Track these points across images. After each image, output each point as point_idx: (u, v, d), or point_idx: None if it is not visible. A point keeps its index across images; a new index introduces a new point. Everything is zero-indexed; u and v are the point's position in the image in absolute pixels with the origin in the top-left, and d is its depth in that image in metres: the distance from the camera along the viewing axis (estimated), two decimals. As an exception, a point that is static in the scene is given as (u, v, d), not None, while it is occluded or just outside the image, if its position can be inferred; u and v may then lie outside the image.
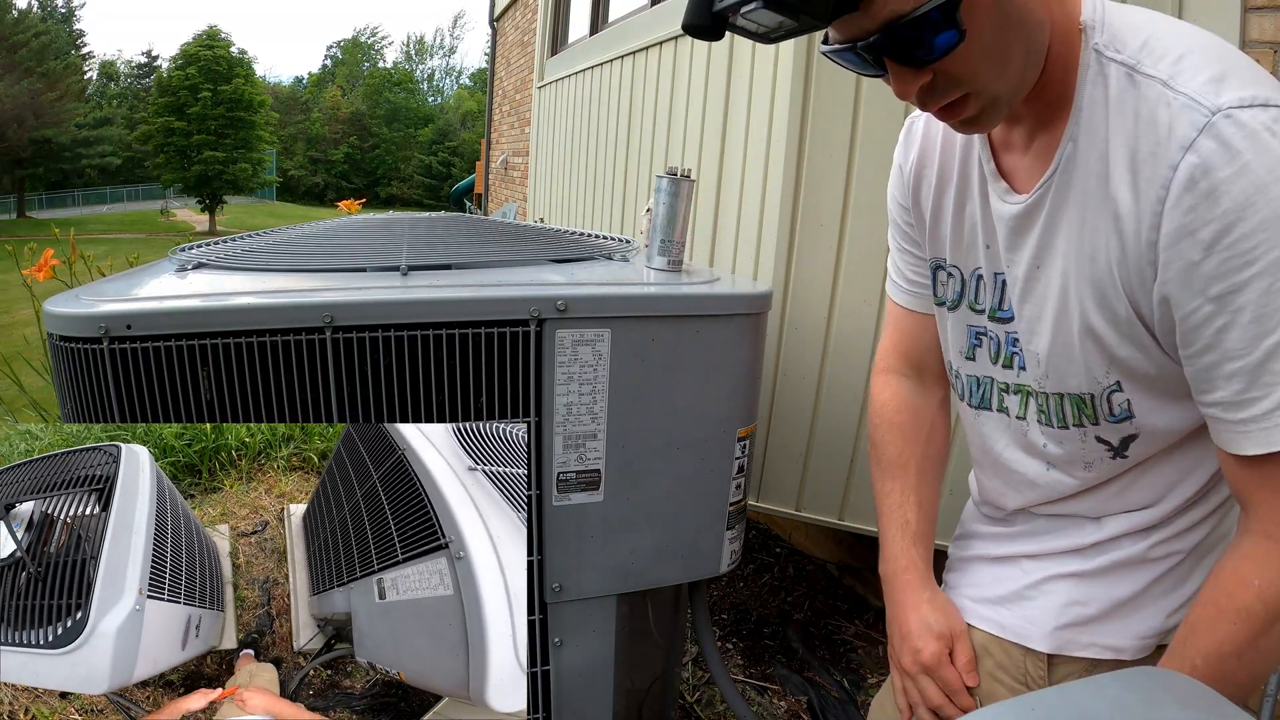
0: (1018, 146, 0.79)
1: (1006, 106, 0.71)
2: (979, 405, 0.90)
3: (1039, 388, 0.81)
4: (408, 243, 1.49)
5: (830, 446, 1.96)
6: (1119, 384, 0.75)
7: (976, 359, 0.88)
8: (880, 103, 1.75)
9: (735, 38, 2.24)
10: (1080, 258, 0.73)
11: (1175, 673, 0.59)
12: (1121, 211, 0.68)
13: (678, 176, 1.40)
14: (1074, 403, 0.79)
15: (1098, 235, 0.71)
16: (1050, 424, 0.82)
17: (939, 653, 0.90)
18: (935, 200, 0.89)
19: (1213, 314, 0.65)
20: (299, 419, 1.13)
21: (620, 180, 3.06)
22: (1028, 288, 0.79)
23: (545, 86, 4.81)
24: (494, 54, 10.23)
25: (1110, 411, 0.77)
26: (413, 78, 53.59)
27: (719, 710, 2.11)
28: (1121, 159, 0.68)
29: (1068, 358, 0.77)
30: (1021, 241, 0.78)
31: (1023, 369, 0.83)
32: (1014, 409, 0.85)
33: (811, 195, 1.83)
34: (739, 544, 1.48)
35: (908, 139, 0.94)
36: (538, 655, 1.32)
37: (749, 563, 2.91)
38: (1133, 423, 0.77)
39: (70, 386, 1.05)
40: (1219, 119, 0.61)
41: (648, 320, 1.25)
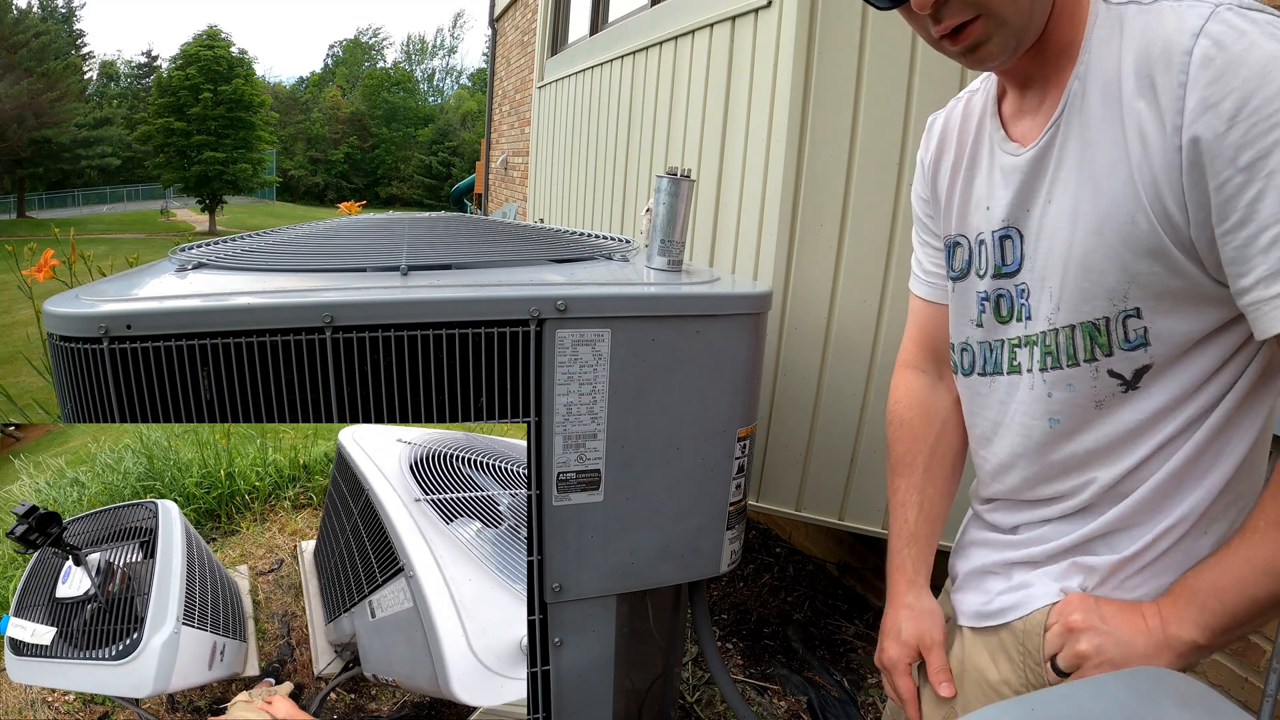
0: (1028, 111, 0.83)
1: (1014, 39, 0.75)
2: (991, 371, 0.90)
3: (1049, 325, 0.81)
4: (408, 243, 1.49)
5: (830, 446, 1.96)
6: (1137, 310, 0.75)
7: (984, 324, 0.90)
8: (880, 103, 1.75)
9: (735, 38, 2.24)
10: (1091, 182, 0.75)
11: (1175, 673, 0.59)
12: (1141, 117, 0.71)
13: (678, 176, 1.40)
14: (1086, 333, 0.79)
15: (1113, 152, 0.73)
16: (1060, 365, 0.81)
17: (897, 659, 0.97)
18: (949, 181, 0.93)
19: (1244, 184, 0.66)
20: (299, 419, 1.13)
21: (620, 180, 3.06)
22: (1040, 227, 0.80)
23: (545, 86, 4.81)
24: (494, 54, 10.24)
25: (1125, 337, 0.77)
26: (413, 78, 53.60)
27: (719, 710, 2.11)
28: (1132, 71, 0.71)
29: (1082, 284, 0.77)
30: (1034, 187, 0.80)
31: (1029, 318, 0.84)
32: (1025, 362, 0.86)
33: (811, 195, 1.83)
34: (739, 544, 1.48)
35: (928, 135, 0.99)
36: (538, 655, 1.32)
37: (749, 563, 2.91)
38: (1147, 351, 0.76)
39: (70, 386, 1.05)
40: (1222, 9, 0.67)
41: (648, 320, 1.25)
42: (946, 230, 0.95)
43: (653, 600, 1.50)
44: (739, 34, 2.06)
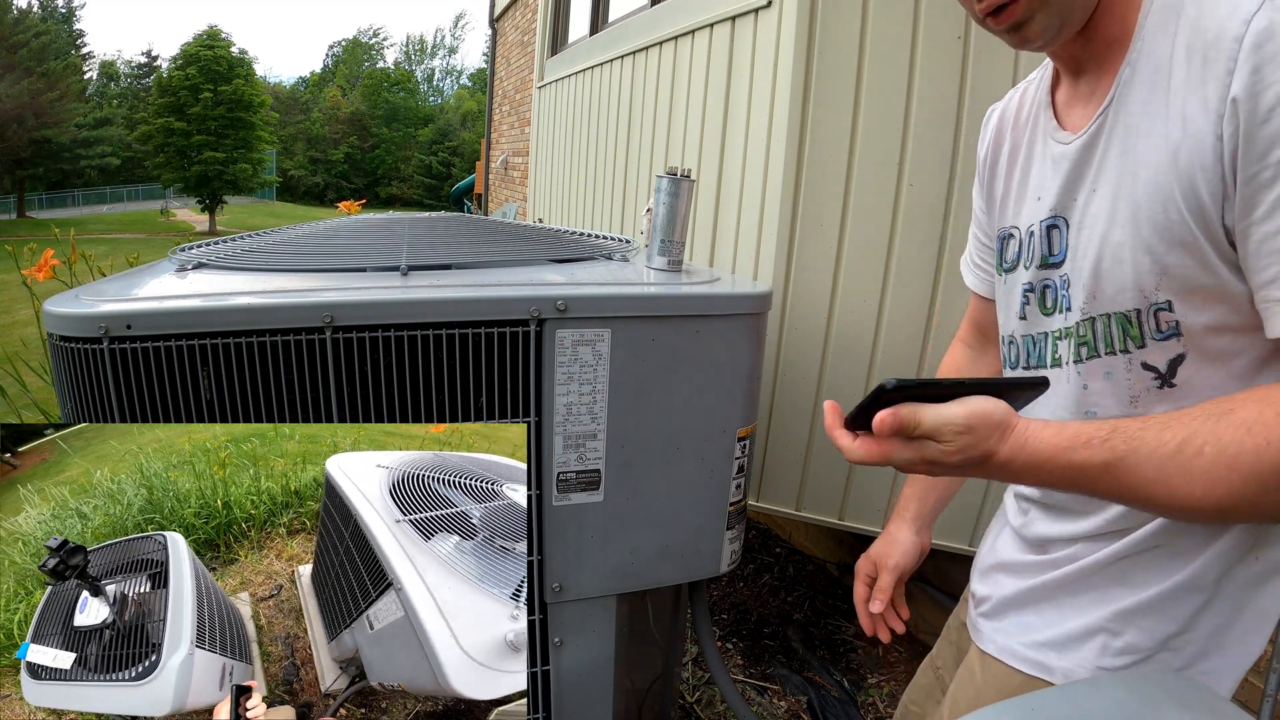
0: (1080, 99, 0.82)
1: (1057, 20, 0.74)
2: (1035, 364, 0.89)
3: (1084, 315, 0.80)
4: (408, 243, 1.49)
5: (830, 447, 1.95)
6: (1169, 303, 0.74)
7: (1028, 316, 0.89)
8: (880, 104, 1.75)
9: (735, 39, 2.23)
10: (1131, 171, 0.74)
11: (1175, 673, 0.59)
12: (1186, 104, 0.69)
13: (678, 176, 1.40)
14: (1120, 323, 0.77)
15: (1156, 140, 0.71)
16: (1097, 353, 0.80)
17: (859, 568, 1.15)
18: (1006, 173, 0.93)
19: (1271, 180, 0.64)
20: (299, 419, 1.13)
21: (620, 180, 3.06)
22: (1084, 216, 0.79)
23: (545, 86, 4.81)
24: (494, 54, 10.24)
25: (1157, 328, 0.75)
26: (413, 78, 53.59)
27: (719, 710, 2.11)
28: (1184, 58, 0.69)
29: (1115, 274, 0.76)
30: (1081, 175, 0.79)
31: (1069, 310, 0.82)
32: (1065, 355, 0.84)
33: (811, 195, 1.83)
34: (739, 544, 1.48)
35: (985, 128, 0.99)
36: (538, 655, 1.32)
37: (749, 563, 2.91)
38: (1180, 341, 0.74)
39: (70, 387, 1.05)
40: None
41: (648, 320, 1.25)
42: (1001, 223, 0.94)
43: (653, 600, 1.50)
44: (739, 34, 2.06)
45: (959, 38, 1.69)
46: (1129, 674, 0.57)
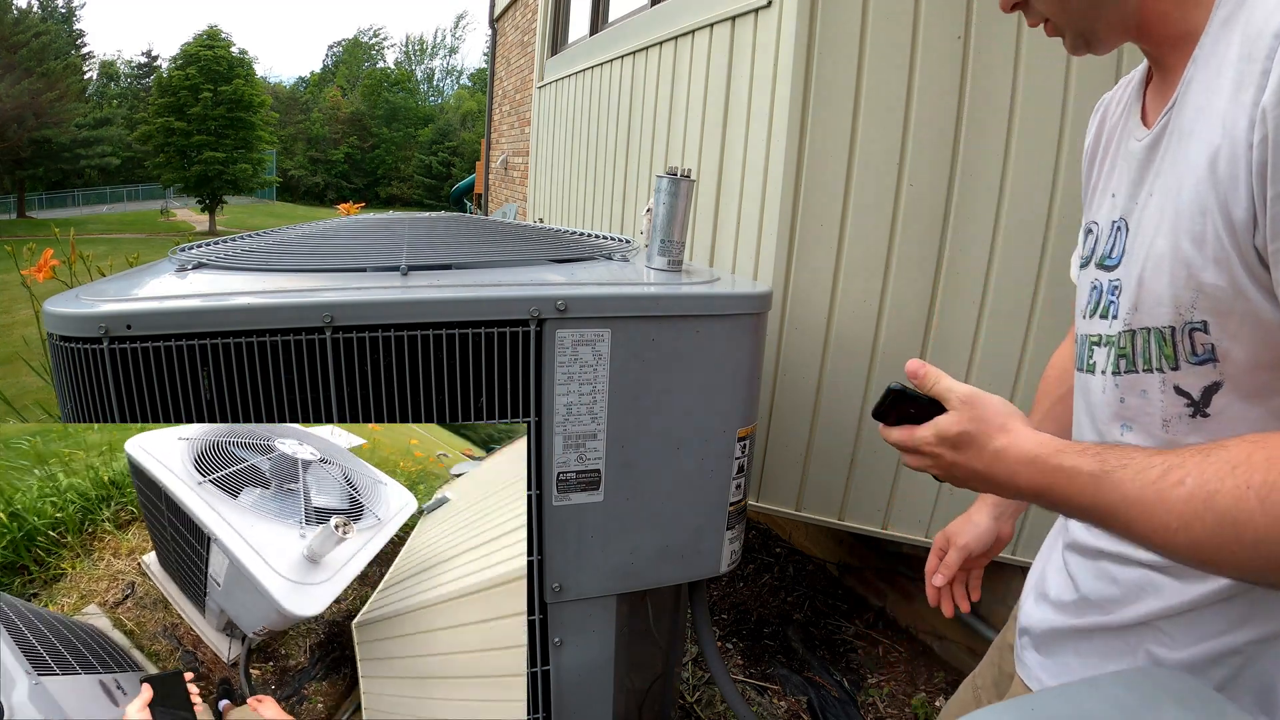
0: (1159, 97, 0.79)
1: (1080, 38, 0.78)
2: (1080, 368, 0.87)
3: (1126, 326, 0.76)
4: (408, 243, 1.49)
5: (830, 446, 1.96)
6: (1204, 324, 0.69)
7: (1086, 315, 0.86)
8: (880, 104, 1.75)
9: (735, 38, 2.23)
10: (1177, 178, 0.70)
11: (1175, 673, 0.58)
12: (1231, 108, 0.63)
13: (678, 176, 1.40)
14: (1156, 339, 0.73)
15: (1201, 146, 0.66)
16: (1135, 368, 0.76)
17: (936, 541, 1.15)
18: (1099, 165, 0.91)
19: None
20: (299, 419, 1.13)
21: (620, 180, 3.06)
22: (1140, 221, 0.76)
23: (545, 86, 4.81)
24: (494, 54, 10.24)
25: (1192, 350, 0.70)
26: (413, 77, 53.59)
27: (719, 710, 2.11)
28: (1235, 55, 0.63)
29: (1153, 287, 0.72)
30: (1143, 177, 0.76)
31: (1114, 317, 0.79)
32: (1100, 363, 0.81)
33: (811, 195, 1.83)
34: (739, 544, 1.48)
35: (1091, 119, 0.97)
36: (538, 655, 1.32)
37: (749, 563, 2.91)
38: (1216, 368, 0.69)
39: (70, 386, 1.05)
40: None
41: (648, 320, 1.25)
42: (1086, 215, 0.92)
43: (653, 600, 1.50)
44: (739, 34, 2.06)
45: (959, 38, 1.69)
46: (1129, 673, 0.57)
